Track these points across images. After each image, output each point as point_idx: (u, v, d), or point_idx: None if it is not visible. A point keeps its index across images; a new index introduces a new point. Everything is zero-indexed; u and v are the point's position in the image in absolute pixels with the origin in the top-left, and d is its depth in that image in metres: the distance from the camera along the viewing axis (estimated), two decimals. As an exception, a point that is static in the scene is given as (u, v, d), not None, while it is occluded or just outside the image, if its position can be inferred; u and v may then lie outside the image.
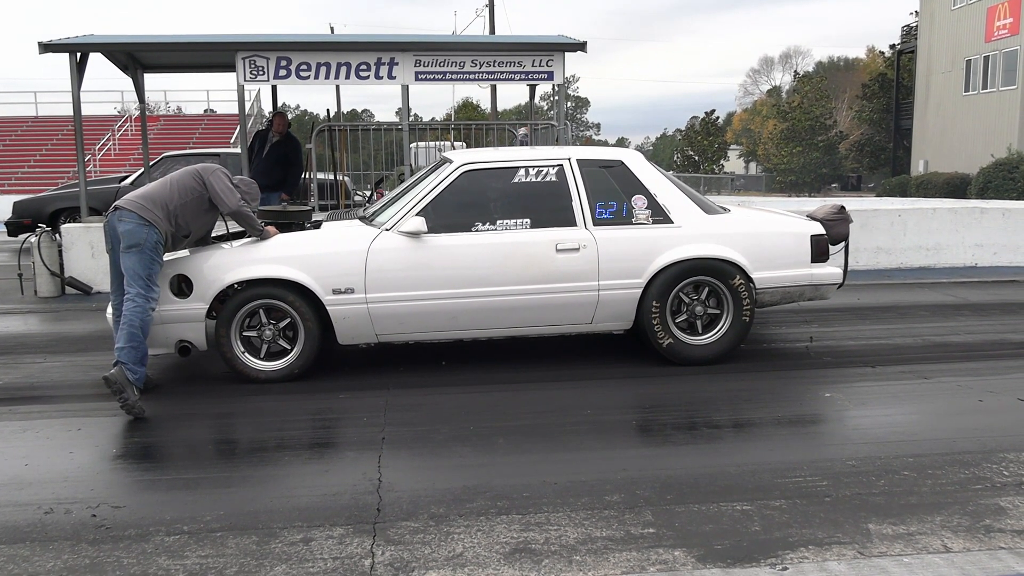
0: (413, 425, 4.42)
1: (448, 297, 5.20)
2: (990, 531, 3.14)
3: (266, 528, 3.22)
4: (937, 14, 31.32)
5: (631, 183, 5.49)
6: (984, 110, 27.93)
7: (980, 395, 4.83)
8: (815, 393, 4.96)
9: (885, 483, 3.58)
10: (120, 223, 4.82)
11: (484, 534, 3.15)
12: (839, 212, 5.89)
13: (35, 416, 4.70)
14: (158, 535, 3.18)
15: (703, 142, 46.46)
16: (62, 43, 9.08)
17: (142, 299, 4.75)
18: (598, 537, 3.11)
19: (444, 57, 9.40)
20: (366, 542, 3.09)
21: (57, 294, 8.65)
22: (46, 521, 3.31)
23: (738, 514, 3.29)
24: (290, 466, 3.89)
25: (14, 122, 32.05)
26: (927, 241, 9.97)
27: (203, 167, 5.21)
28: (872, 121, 39.93)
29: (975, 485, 3.55)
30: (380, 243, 5.19)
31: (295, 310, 5.12)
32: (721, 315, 5.50)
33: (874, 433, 4.23)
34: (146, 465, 3.98)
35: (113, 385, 4.53)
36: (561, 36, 10.21)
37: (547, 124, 11.35)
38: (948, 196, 23.61)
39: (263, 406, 4.80)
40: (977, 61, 28.56)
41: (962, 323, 6.89)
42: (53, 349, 6.35)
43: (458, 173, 5.40)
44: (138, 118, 20.13)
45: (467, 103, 55.52)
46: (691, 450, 4.04)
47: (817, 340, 6.25)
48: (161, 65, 11.24)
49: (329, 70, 9.31)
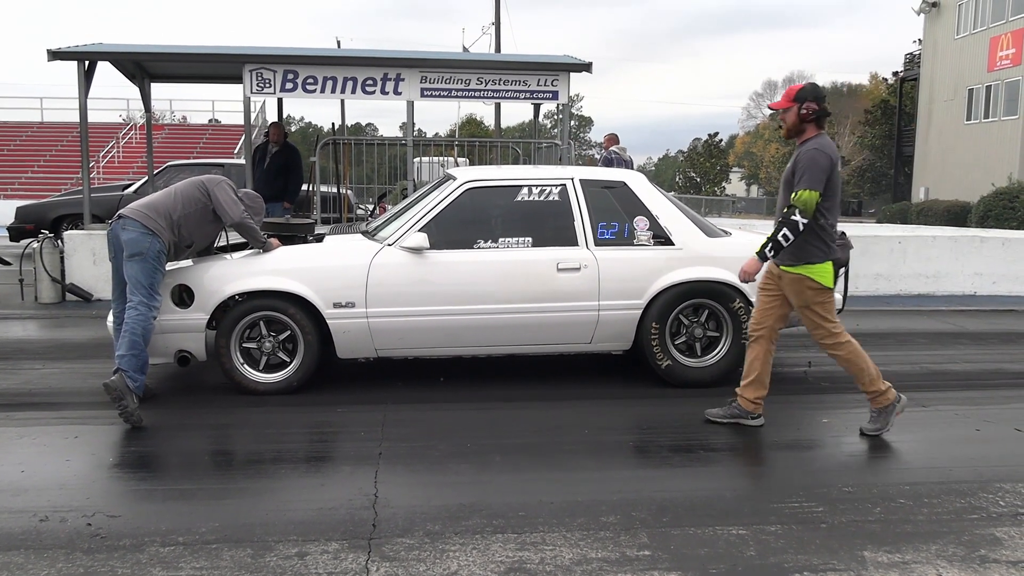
0: (410, 441, 4.42)
1: (448, 314, 5.21)
2: (985, 561, 3.13)
3: (261, 541, 3.22)
4: (940, 43, 31.53)
5: (633, 204, 5.51)
6: (985, 139, 28.07)
7: (977, 424, 4.84)
8: (812, 419, 4.97)
9: (881, 511, 3.58)
10: (123, 232, 4.84)
11: (479, 552, 3.15)
12: (840, 238, 5.88)
13: (33, 423, 4.70)
14: (153, 545, 3.17)
15: (705, 164, 46.67)
16: (71, 51, 9.14)
17: (144, 307, 4.77)
18: (593, 558, 3.11)
19: (450, 74, 9.46)
20: (361, 557, 3.09)
21: (58, 300, 8.66)
22: (41, 529, 3.31)
23: (734, 538, 3.29)
24: (286, 479, 3.89)
25: (19, 127, 32.16)
26: (927, 269, 10.00)
27: (208, 178, 5.24)
28: (874, 147, 40.11)
29: (971, 515, 3.55)
30: (382, 258, 5.21)
31: (295, 323, 5.13)
32: (720, 338, 5.51)
33: (871, 460, 4.23)
34: (143, 474, 3.98)
35: (113, 392, 4.53)
36: (567, 56, 10.28)
37: (550, 143, 11.40)
38: (948, 224, 23.69)
39: (261, 418, 4.80)
40: (979, 90, 28.72)
41: (960, 351, 6.90)
42: (52, 356, 6.36)
43: (461, 190, 5.43)
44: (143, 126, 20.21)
45: (471, 119, 55.76)
46: (688, 473, 4.05)
47: (816, 365, 6.26)
48: (168, 75, 11.31)
49: (335, 84, 9.37)
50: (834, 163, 4.35)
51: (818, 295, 4.46)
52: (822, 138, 4.42)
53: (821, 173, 4.29)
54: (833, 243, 4.47)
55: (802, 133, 4.45)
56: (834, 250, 4.48)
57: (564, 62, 9.81)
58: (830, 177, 4.33)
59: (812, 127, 4.44)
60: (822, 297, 4.47)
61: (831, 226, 4.44)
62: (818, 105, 4.39)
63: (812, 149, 4.34)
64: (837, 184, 4.40)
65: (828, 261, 4.44)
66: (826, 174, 4.30)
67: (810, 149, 4.35)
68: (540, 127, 11.66)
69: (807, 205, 4.28)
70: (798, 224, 4.30)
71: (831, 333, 4.52)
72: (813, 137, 4.42)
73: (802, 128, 4.44)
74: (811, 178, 4.29)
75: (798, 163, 4.37)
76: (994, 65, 27.91)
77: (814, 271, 4.42)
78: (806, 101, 4.39)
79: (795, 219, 4.30)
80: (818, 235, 4.40)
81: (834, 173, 4.35)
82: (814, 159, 4.30)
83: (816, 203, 4.30)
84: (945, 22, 31.19)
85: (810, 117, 4.40)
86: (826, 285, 4.44)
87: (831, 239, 4.45)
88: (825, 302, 4.49)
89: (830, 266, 4.45)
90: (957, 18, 30.32)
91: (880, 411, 4.58)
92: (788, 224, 4.32)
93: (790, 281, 4.49)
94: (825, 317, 4.51)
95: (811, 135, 4.43)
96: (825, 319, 4.51)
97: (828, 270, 4.44)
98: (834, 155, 4.36)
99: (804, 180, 4.30)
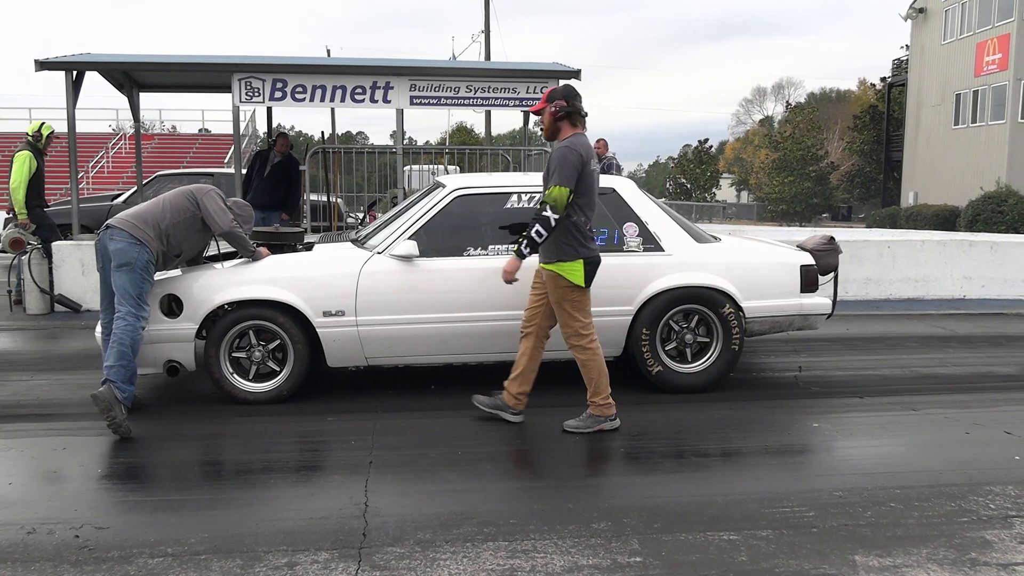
0: (401, 449, 4.41)
1: (438, 321, 5.21)
2: (976, 564, 3.14)
3: (251, 551, 3.20)
4: (927, 48, 31.75)
5: (622, 211, 5.52)
6: (973, 143, 28.26)
7: (967, 427, 4.85)
8: (803, 423, 4.97)
9: (872, 515, 3.58)
10: (111, 242, 4.81)
11: (470, 560, 3.14)
12: (829, 243, 5.93)
13: (21, 434, 4.67)
14: (141, 557, 3.15)
15: (696, 170, 46.73)
16: (58, 61, 9.11)
17: (133, 317, 4.74)
18: (584, 565, 3.11)
19: (439, 82, 9.47)
20: (351, 567, 3.08)
21: (46, 311, 8.61)
22: (28, 541, 3.28)
23: (725, 544, 3.29)
24: (276, 489, 3.87)
25: (8, 138, 31.97)
26: (916, 273, 10.04)
27: (196, 187, 5.22)
28: (863, 152, 40.28)
29: (961, 518, 3.56)
30: (371, 266, 5.20)
31: (285, 332, 5.11)
32: (711, 343, 5.51)
33: (861, 464, 4.24)
34: (131, 486, 3.96)
35: (101, 403, 4.50)
36: (555, 63, 10.30)
37: (540, 150, 11.41)
38: (937, 228, 23.83)
39: (250, 428, 4.78)
40: (966, 95, 28.93)
41: (950, 355, 6.93)
42: (41, 367, 6.32)
43: (451, 198, 5.43)
44: (132, 136, 20.14)
45: (461, 127, 55.79)
46: (679, 479, 4.04)
47: (806, 370, 6.27)
48: (157, 84, 11.29)
49: (324, 93, 9.36)
50: (585, 161, 4.43)
51: (569, 292, 4.56)
52: (576, 137, 4.52)
53: (571, 170, 4.39)
54: (588, 241, 4.56)
55: (558, 132, 4.59)
56: (589, 248, 4.56)
57: (552, 69, 9.83)
58: (582, 174, 4.41)
59: (567, 126, 4.56)
60: (573, 295, 4.57)
61: (584, 224, 4.52)
62: (568, 103, 4.52)
63: (564, 147, 4.45)
64: (591, 182, 4.50)
65: (580, 259, 4.51)
66: (577, 171, 4.40)
67: (562, 147, 4.46)
68: (531, 134, 11.68)
69: (557, 201, 4.37)
70: (550, 220, 4.39)
71: (579, 333, 4.63)
72: (568, 136, 4.52)
73: (557, 127, 4.57)
74: (561, 175, 4.38)
75: (550, 161, 4.49)
76: (981, 70, 28.12)
77: (565, 268, 4.51)
78: (556, 100, 4.53)
79: (546, 215, 4.39)
80: (571, 233, 4.49)
81: (586, 171, 4.44)
82: (565, 156, 4.40)
83: (567, 200, 4.38)
84: (932, 28, 31.42)
85: (560, 115, 4.53)
86: (576, 283, 4.52)
87: (585, 237, 4.54)
88: (576, 300, 4.60)
89: (581, 264, 4.53)
90: (944, 24, 30.55)
91: (592, 416, 4.67)
92: (540, 220, 4.41)
93: (548, 278, 4.62)
94: (573, 316, 4.61)
95: (567, 134, 4.54)
96: (574, 317, 4.61)
97: (579, 268, 4.52)
98: (586, 153, 4.45)
99: (555, 177, 4.41)
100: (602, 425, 4.66)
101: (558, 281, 4.55)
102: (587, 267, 4.54)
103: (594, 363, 4.65)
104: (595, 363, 4.65)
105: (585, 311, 4.63)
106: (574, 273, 4.51)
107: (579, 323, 4.60)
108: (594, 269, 4.60)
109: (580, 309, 4.60)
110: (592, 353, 4.64)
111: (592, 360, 4.64)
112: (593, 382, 4.66)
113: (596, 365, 4.65)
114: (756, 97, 70.60)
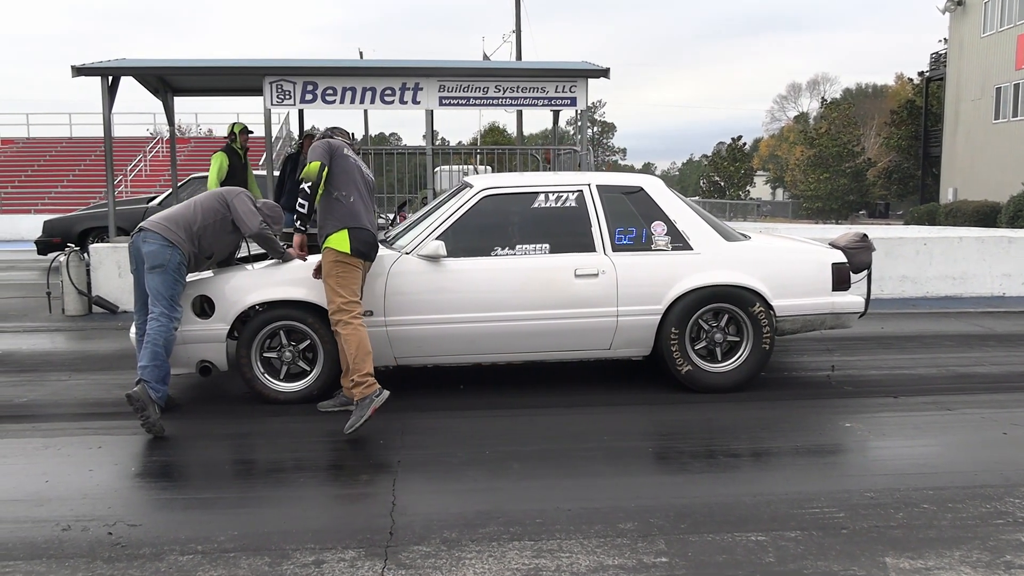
0: (428, 448, 4.43)
1: (466, 321, 5.22)
2: (1010, 567, 3.08)
3: (279, 549, 3.23)
4: (966, 41, 31.16)
5: (651, 209, 5.49)
6: (1014, 138, 27.67)
7: (1004, 428, 4.76)
8: (835, 423, 4.91)
9: (904, 516, 3.53)
10: (144, 244, 4.90)
11: (495, 560, 3.14)
12: (861, 240, 5.85)
13: (57, 433, 4.77)
14: (172, 554, 3.20)
15: (729, 168, 46.41)
16: (94, 67, 9.28)
17: (166, 318, 4.82)
18: (610, 565, 3.09)
19: (468, 83, 9.50)
20: (377, 565, 3.09)
21: (84, 313, 8.78)
22: (63, 538, 3.35)
23: (752, 545, 3.26)
24: (305, 487, 3.91)
25: (49, 143, 32.71)
26: (953, 270, 9.86)
27: (227, 190, 5.30)
28: (900, 148, 39.64)
29: (996, 520, 3.49)
30: (399, 266, 5.23)
31: (315, 332, 5.15)
32: (741, 343, 5.46)
33: (894, 465, 4.17)
34: (164, 484, 4.02)
35: (135, 403, 4.58)
36: (585, 62, 10.27)
37: (570, 149, 11.39)
38: (977, 224, 23.38)
39: (281, 427, 4.83)
40: (1007, 88, 28.35)
41: (988, 354, 6.80)
42: (78, 367, 6.44)
43: (478, 198, 5.44)
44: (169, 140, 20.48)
45: (493, 127, 55.88)
46: (707, 479, 4.01)
47: (839, 369, 6.19)
48: (190, 89, 11.45)
49: (355, 95, 9.44)
50: (335, 148, 4.90)
51: (334, 266, 4.77)
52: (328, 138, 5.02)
53: (321, 152, 4.83)
54: (353, 218, 4.81)
55: None
56: (356, 221, 4.81)
57: (581, 68, 9.81)
58: (333, 156, 4.85)
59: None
60: (338, 269, 4.76)
61: (347, 199, 4.83)
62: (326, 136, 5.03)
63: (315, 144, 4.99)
64: (346, 164, 4.89)
65: (344, 229, 4.77)
66: (328, 154, 4.84)
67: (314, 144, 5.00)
68: (563, 133, 11.67)
69: (308, 174, 4.78)
70: (305, 190, 4.79)
71: (341, 309, 4.76)
72: None
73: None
74: (312, 155, 4.86)
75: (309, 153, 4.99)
76: (1022, 63, 27.53)
77: (331, 240, 4.77)
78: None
79: (303, 187, 4.80)
80: (333, 209, 4.82)
81: (337, 154, 4.88)
82: (314, 146, 4.94)
83: (320, 173, 4.77)
84: (971, 21, 30.83)
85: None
86: (341, 250, 4.73)
87: (349, 214, 4.80)
88: (340, 275, 4.76)
89: (345, 232, 4.76)
90: (983, 16, 29.96)
91: (360, 404, 4.62)
92: (300, 193, 4.83)
93: (322, 258, 4.85)
94: (336, 291, 4.76)
95: None
96: (337, 292, 4.76)
97: (343, 236, 4.76)
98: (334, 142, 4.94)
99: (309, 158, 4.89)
100: (374, 406, 4.59)
101: (327, 256, 4.80)
102: (351, 234, 4.76)
103: (354, 337, 4.72)
104: (355, 337, 4.72)
105: (349, 288, 4.78)
106: (340, 241, 4.75)
107: (341, 299, 4.75)
108: (361, 240, 4.81)
109: (344, 285, 4.77)
110: (353, 328, 4.74)
111: (352, 334, 4.72)
112: (352, 357, 4.69)
113: (356, 338, 4.72)
114: (791, 93, 69.96)
